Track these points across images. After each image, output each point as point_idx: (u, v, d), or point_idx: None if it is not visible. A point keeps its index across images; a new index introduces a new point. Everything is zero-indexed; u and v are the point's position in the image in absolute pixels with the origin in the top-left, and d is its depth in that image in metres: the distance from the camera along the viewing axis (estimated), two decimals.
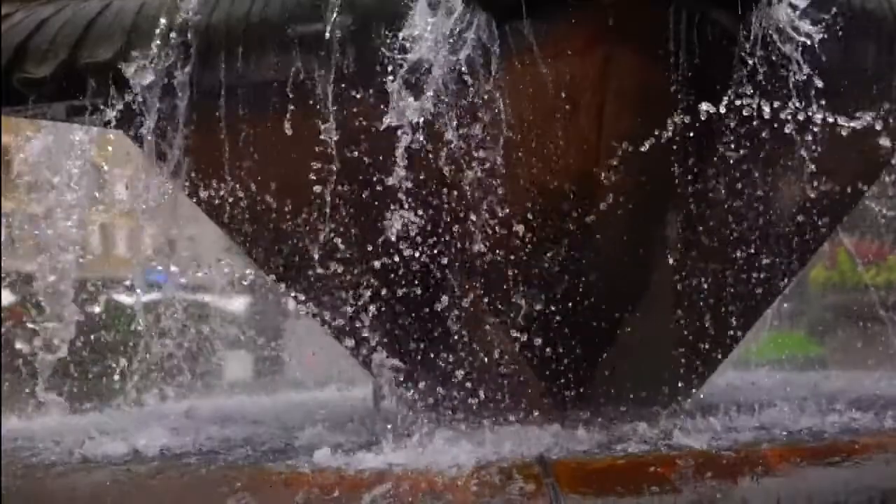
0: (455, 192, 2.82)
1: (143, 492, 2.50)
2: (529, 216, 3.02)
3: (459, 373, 2.99)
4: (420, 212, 2.81)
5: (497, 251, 2.98)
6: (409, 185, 2.74)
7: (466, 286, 2.97)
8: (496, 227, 2.94)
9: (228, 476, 2.47)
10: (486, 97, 2.80)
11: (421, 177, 2.77)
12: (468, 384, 2.99)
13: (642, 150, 2.94)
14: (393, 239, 2.78)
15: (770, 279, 3.40)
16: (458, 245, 2.89)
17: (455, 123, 2.77)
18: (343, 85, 2.82)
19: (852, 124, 2.88)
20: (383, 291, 2.95)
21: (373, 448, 2.59)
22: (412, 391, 3.04)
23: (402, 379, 3.00)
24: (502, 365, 3.06)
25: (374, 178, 2.79)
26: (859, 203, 3.73)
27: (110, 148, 4.03)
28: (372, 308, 2.99)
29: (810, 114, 2.85)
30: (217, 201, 3.25)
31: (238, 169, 3.12)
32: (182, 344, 3.87)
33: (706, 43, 2.86)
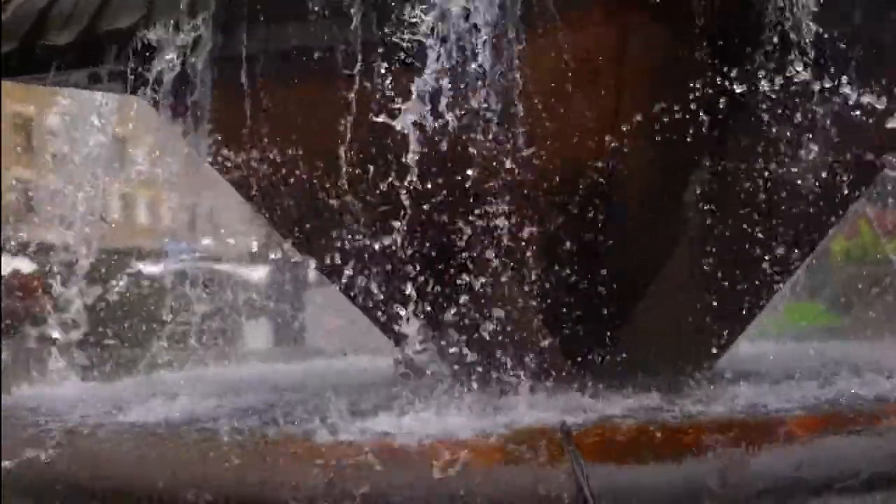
0: (476, 161, 2.82)
1: (161, 457, 2.51)
2: (550, 185, 3.01)
3: (481, 341, 3.00)
4: (442, 180, 2.81)
5: (518, 220, 2.98)
6: (431, 153, 2.74)
7: (489, 255, 2.97)
8: (517, 196, 2.94)
9: (247, 442, 2.48)
10: (506, 67, 2.79)
11: (442, 146, 2.77)
12: (490, 352, 2.99)
13: (661, 120, 2.94)
14: (415, 207, 2.78)
15: (790, 249, 3.39)
16: (480, 213, 2.89)
17: (475, 93, 2.77)
18: (365, 52, 2.81)
19: (875, 102, 2.87)
20: (405, 260, 2.95)
21: (394, 415, 2.60)
22: (434, 359, 3.05)
23: (424, 346, 3.01)
24: (525, 333, 3.06)
25: (397, 147, 2.79)
26: (880, 173, 3.71)
27: (132, 116, 4.04)
28: (395, 276, 2.99)
29: (832, 85, 2.85)
30: (240, 170, 3.26)
31: (261, 137, 3.13)
32: (203, 313, 3.89)
33: (726, 12, 2.85)
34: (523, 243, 3.01)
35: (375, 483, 2.24)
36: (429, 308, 2.95)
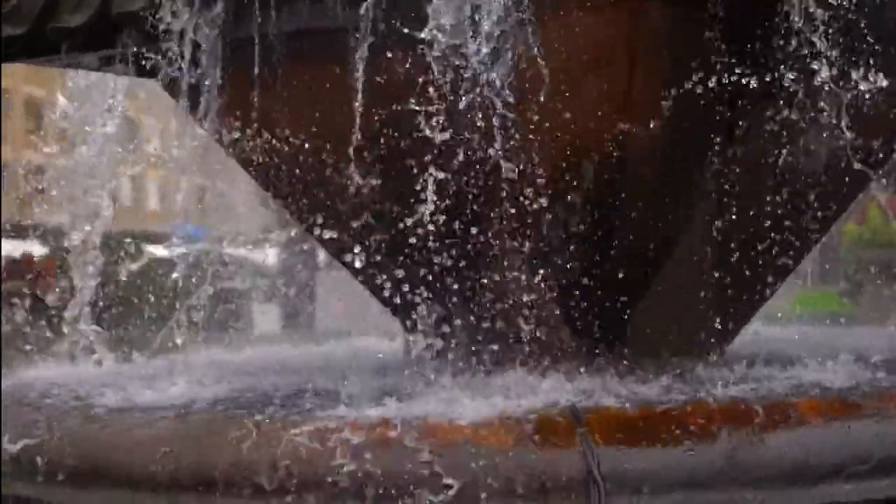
0: (488, 143, 2.81)
1: (170, 439, 2.51)
2: (562, 167, 3.01)
3: (492, 323, 3.00)
4: (453, 161, 2.81)
5: (530, 201, 2.98)
6: (443, 134, 2.74)
7: (500, 238, 2.97)
8: (529, 178, 2.93)
9: (258, 425, 2.48)
10: (518, 50, 2.79)
11: (454, 126, 2.76)
12: (500, 334, 3.00)
13: (674, 103, 2.93)
14: (426, 188, 2.78)
15: (801, 234, 3.39)
16: (492, 196, 2.89)
17: (487, 74, 2.76)
18: (377, 32, 2.81)
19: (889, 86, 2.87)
20: (417, 242, 2.95)
21: (403, 397, 2.60)
22: (443, 341, 3.05)
23: (433, 328, 3.01)
24: (536, 316, 3.06)
25: (408, 127, 2.78)
26: (892, 158, 3.70)
27: (143, 99, 4.04)
28: (405, 258, 2.99)
29: (847, 69, 2.84)
30: (252, 152, 3.26)
31: (274, 118, 3.12)
32: (213, 296, 3.89)
33: None
34: (535, 226, 3.01)
35: (382, 463, 2.25)
36: (440, 291, 2.96)
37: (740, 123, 3.13)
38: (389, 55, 2.80)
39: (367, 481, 2.23)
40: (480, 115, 2.76)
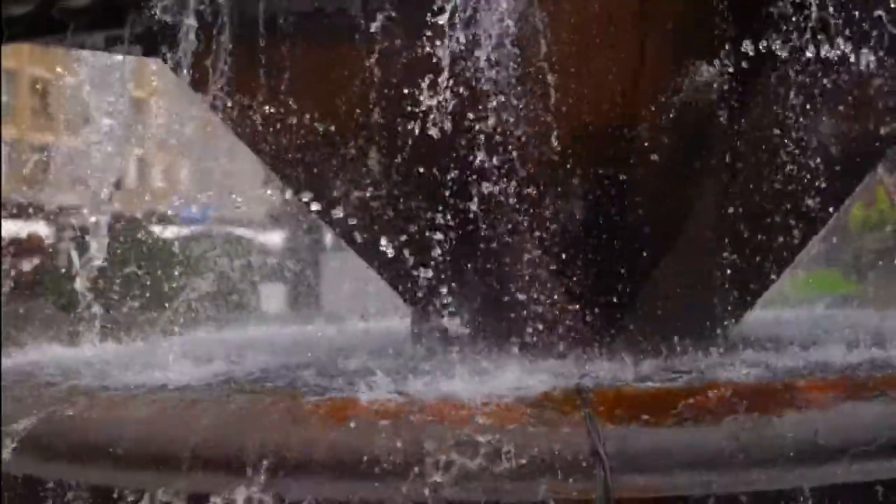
0: (496, 122, 2.81)
1: (180, 419, 2.52)
2: (571, 147, 3.01)
3: (500, 304, 3.00)
4: (461, 142, 2.81)
5: (537, 182, 2.98)
6: (450, 114, 2.74)
7: (508, 218, 2.97)
8: (537, 158, 2.93)
9: (268, 404, 2.49)
10: (528, 28, 2.79)
11: (461, 106, 2.76)
12: (507, 314, 3.00)
13: (683, 83, 2.93)
14: (434, 169, 2.78)
15: (809, 216, 3.38)
16: (500, 175, 2.89)
17: (497, 54, 2.76)
18: (383, 9, 2.80)
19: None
20: (424, 222, 2.95)
21: (410, 377, 2.60)
22: (450, 321, 3.05)
23: (439, 309, 3.01)
24: (544, 296, 3.06)
25: (415, 106, 2.78)
26: None
27: (150, 78, 4.04)
28: (413, 239, 2.99)
29: (853, 49, 2.83)
30: (257, 130, 3.25)
31: (280, 97, 3.12)
32: (219, 276, 3.90)
33: None
34: (543, 206, 3.01)
35: (388, 441, 2.25)
36: (447, 270, 2.96)
37: (749, 101, 3.13)
38: (398, 31, 2.80)
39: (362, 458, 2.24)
40: (489, 93, 2.76)
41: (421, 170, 2.77)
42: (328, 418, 2.36)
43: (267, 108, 3.15)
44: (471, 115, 2.79)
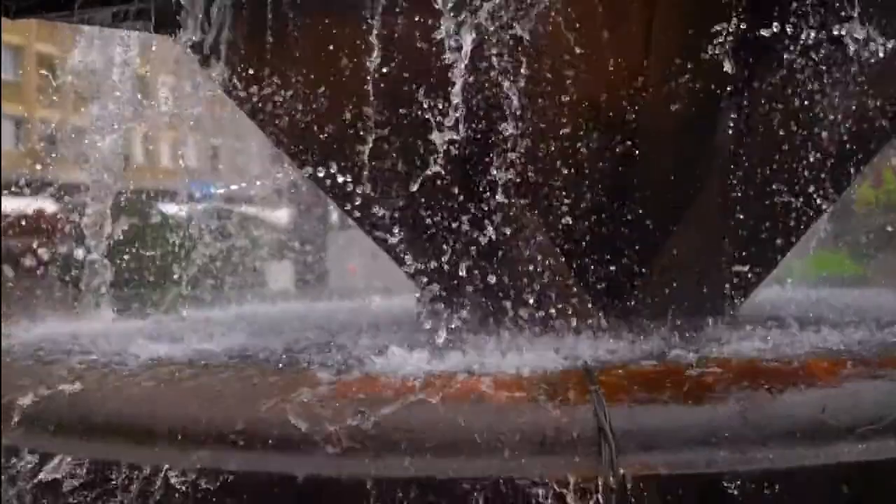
0: (503, 103, 2.80)
1: (187, 393, 2.52)
2: (577, 128, 3.00)
3: (504, 281, 3.00)
4: (467, 122, 2.80)
5: (544, 162, 2.97)
6: (457, 95, 2.73)
7: (513, 195, 2.97)
8: (543, 139, 2.93)
9: (275, 379, 2.49)
10: (535, 7, 2.78)
11: (469, 87, 2.76)
12: (513, 292, 3.00)
13: (691, 62, 2.92)
14: (440, 149, 2.77)
15: (815, 196, 3.38)
16: (505, 152, 2.88)
17: (503, 33, 2.75)
18: None
19: None
20: (430, 201, 2.95)
21: (416, 355, 2.60)
22: (457, 299, 3.05)
23: (446, 287, 3.01)
24: (549, 274, 3.06)
25: (422, 85, 2.78)
26: None
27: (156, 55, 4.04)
28: (418, 217, 2.99)
29: (865, 30, 2.82)
30: (264, 108, 3.25)
31: (287, 73, 3.11)
32: (226, 254, 3.90)
33: None
34: (549, 183, 3.01)
35: (394, 417, 2.25)
36: (453, 249, 2.96)
37: (757, 79, 3.12)
38: (404, 8, 2.79)
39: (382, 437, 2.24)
40: (495, 72, 2.75)
41: (426, 145, 2.76)
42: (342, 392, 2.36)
43: (275, 84, 3.14)
44: (478, 92, 2.78)
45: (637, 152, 3.07)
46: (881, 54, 2.88)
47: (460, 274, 2.98)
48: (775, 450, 2.22)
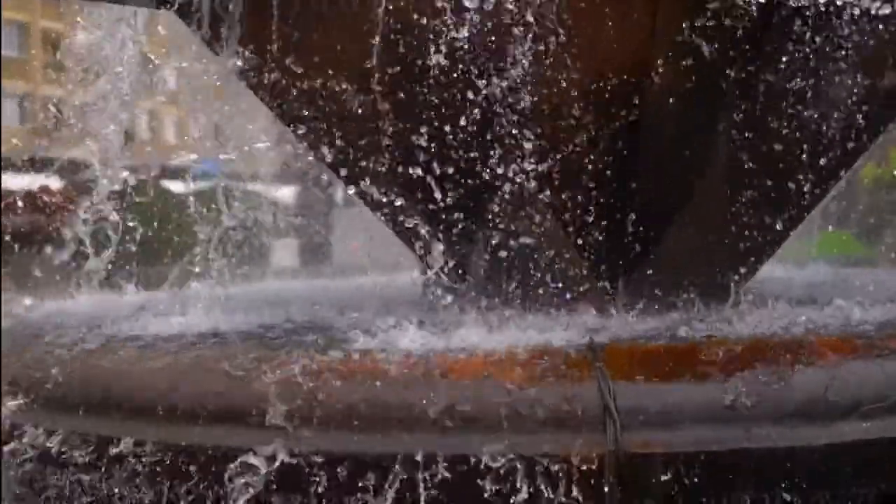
0: (508, 77, 2.80)
1: (188, 371, 2.52)
2: (583, 102, 2.99)
3: (509, 259, 3.00)
4: (473, 97, 2.79)
5: (549, 137, 2.96)
6: (462, 69, 2.73)
7: (518, 174, 2.96)
8: (549, 113, 2.92)
9: (278, 357, 2.49)
10: None
11: (473, 61, 2.75)
12: (518, 269, 2.99)
13: (697, 35, 2.91)
14: (444, 124, 2.77)
15: (821, 174, 3.37)
16: (509, 131, 2.88)
17: (507, 6, 2.74)
18: None
19: None
20: (436, 178, 2.94)
21: (422, 332, 2.60)
22: (462, 276, 3.05)
23: (451, 264, 3.01)
24: (554, 252, 3.06)
25: (427, 62, 2.77)
26: None
27: (161, 31, 4.02)
28: (424, 194, 2.98)
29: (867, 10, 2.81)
30: (270, 84, 3.24)
31: (293, 50, 3.10)
32: (230, 230, 3.89)
33: None
34: (553, 162, 3.00)
35: (397, 395, 2.26)
36: (457, 226, 2.96)
37: (761, 62, 3.11)
38: None
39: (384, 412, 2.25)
40: (500, 45, 2.75)
41: (430, 124, 2.76)
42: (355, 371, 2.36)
43: (281, 60, 3.13)
44: (484, 66, 2.78)
45: (643, 128, 3.06)
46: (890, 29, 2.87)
47: (467, 252, 2.98)
48: (781, 428, 2.22)
